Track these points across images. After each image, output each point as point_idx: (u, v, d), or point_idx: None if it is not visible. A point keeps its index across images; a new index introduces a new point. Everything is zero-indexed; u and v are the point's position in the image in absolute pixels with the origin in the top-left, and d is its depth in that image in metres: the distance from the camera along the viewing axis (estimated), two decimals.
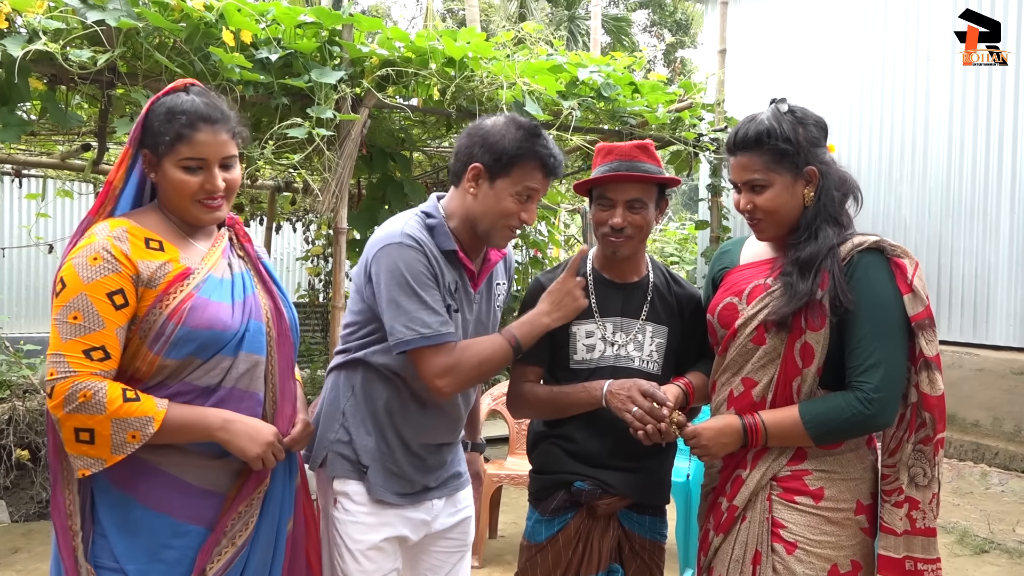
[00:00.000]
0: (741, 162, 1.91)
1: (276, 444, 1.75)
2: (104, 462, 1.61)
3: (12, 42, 3.08)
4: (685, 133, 5.04)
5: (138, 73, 3.43)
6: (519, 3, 19.77)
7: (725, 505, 1.93)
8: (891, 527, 1.83)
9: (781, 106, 1.91)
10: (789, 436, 1.84)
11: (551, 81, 4.23)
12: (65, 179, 6.56)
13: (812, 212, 1.87)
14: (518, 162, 1.95)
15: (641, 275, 2.17)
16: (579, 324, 2.11)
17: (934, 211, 6.58)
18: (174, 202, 1.75)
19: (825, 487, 1.85)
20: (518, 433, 4.53)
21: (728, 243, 2.17)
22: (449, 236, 2.01)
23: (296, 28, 3.74)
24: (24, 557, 4.18)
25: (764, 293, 1.88)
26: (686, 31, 23.24)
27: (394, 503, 2.04)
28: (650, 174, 2.04)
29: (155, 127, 1.71)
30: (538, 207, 2.27)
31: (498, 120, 2.02)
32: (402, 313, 1.90)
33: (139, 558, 1.69)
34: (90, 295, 1.61)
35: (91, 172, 4.65)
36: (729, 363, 1.93)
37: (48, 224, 8.42)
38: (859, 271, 1.81)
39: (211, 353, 1.71)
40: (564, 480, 2.09)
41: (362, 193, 5.25)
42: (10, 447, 4.84)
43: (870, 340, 1.78)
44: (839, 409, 1.79)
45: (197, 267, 1.73)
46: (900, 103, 6.83)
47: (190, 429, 1.68)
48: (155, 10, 3.32)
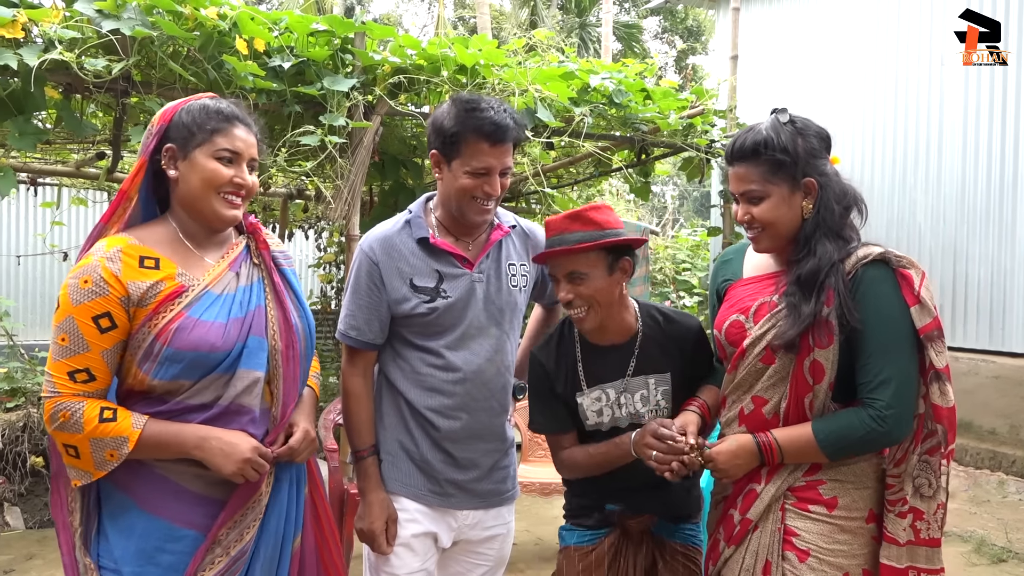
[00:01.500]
0: (739, 173, 1.90)
1: (255, 460, 1.72)
2: (91, 475, 1.68)
3: (28, 52, 3.10)
4: (697, 139, 5.02)
5: (152, 82, 3.45)
6: (530, 11, 19.81)
7: (738, 518, 1.91)
8: (894, 537, 1.81)
9: (781, 116, 1.89)
10: (803, 453, 1.83)
11: (563, 88, 4.23)
12: (80, 187, 6.60)
13: (811, 225, 1.85)
14: (461, 139, 2.00)
15: (629, 334, 2.13)
16: (581, 395, 2.12)
17: (949, 217, 6.54)
18: (197, 195, 1.76)
19: (839, 496, 1.84)
20: (531, 440, 4.52)
21: (729, 250, 2.14)
22: (422, 226, 2.09)
23: (309, 36, 3.75)
24: (39, 564, 4.20)
25: (770, 313, 1.86)
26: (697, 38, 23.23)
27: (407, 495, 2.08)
28: (570, 246, 1.97)
29: (189, 121, 1.75)
30: (550, 215, 2.29)
31: (445, 104, 2.07)
32: (345, 307, 2.12)
33: (134, 560, 1.69)
34: (76, 318, 1.65)
35: (105, 180, 4.68)
36: (739, 382, 1.92)
37: (63, 232, 8.45)
38: (864, 285, 1.79)
39: (200, 374, 1.70)
40: (597, 504, 2.17)
41: (374, 200, 5.26)
42: (24, 454, 4.87)
43: (880, 355, 1.77)
44: (853, 427, 1.78)
45: (192, 284, 1.73)
46: (914, 108, 6.79)
47: (166, 447, 1.69)
48: (169, 19, 3.34)
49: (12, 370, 5.67)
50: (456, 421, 2.08)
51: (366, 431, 2.10)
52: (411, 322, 2.07)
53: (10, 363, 5.87)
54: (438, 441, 2.08)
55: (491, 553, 2.22)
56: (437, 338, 2.07)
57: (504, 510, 2.22)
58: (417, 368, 2.08)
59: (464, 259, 2.10)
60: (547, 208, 5.91)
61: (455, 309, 2.07)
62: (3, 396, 5.40)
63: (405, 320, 2.07)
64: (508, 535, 2.26)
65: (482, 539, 2.19)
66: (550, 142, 4.40)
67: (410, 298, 2.05)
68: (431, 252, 2.08)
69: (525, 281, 2.21)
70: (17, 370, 5.71)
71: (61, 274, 9.27)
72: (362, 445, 2.10)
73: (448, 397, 2.07)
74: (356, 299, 2.09)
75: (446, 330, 2.07)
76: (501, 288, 2.14)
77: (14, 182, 3.40)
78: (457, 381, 2.07)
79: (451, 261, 2.09)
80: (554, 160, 5.24)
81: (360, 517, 2.08)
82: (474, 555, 2.20)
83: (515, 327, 2.18)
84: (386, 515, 2.06)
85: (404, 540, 2.06)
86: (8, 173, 3.33)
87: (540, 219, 6.37)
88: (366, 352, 2.12)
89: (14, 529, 4.70)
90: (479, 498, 2.15)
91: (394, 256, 2.07)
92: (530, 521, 4.86)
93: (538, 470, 4.33)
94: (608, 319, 2.07)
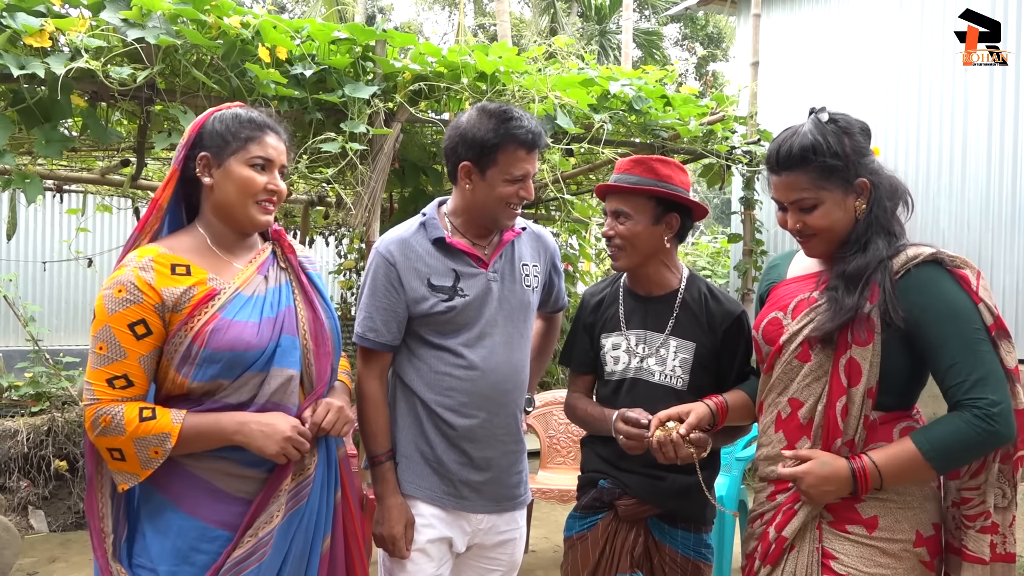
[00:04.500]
0: (787, 181, 1.78)
1: (295, 437, 1.75)
2: (138, 476, 1.72)
3: (55, 60, 3.15)
4: (718, 146, 5.01)
5: (176, 90, 3.50)
6: (550, 18, 19.85)
7: (773, 535, 1.82)
8: (978, 555, 1.69)
9: (822, 116, 1.77)
10: (905, 472, 1.68)
11: (582, 95, 4.23)
12: (104, 194, 6.69)
13: (864, 224, 1.76)
14: (499, 149, 2.03)
15: (668, 289, 2.18)
16: (607, 336, 2.20)
17: (973, 224, 6.46)
18: (233, 203, 1.80)
19: (879, 515, 1.72)
20: (549, 447, 4.51)
21: (777, 257, 2.08)
22: (438, 227, 2.12)
23: (330, 44, 3.79)
24: (62, 567, 4.24)
25: (809, 308, 1.79)
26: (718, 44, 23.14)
27: (422, 499, 2.08)
28: (625, 185, 2.11)
29: (223, 130, 1.81)
30: (570, 221, 2.34)
31: (471, 114, 2.09)
32: (362, 309, 2.12)
33: (170, 559, 1.73)
34: (113, 327, 1.69)
35: (130, 187, 4.73)
36: (775, 382, 1.84)
37: (88, 238, 8.59)
38: (925, 286, 1.69)
39: (238, 372, 1.74)
40: (593, 478, 2.20)
41: (394, 207, 5.28)
42: (49, 458, 4.93)
43: (967, 353, 1.65)
44: (960, 431, 1.63)
45: (223, 287, 1.77)
46: (937, 114, 6.73)
47: (207, 437, 1.72)
48: (193, 28, 3.38)
49: (37, 375, 5.74)
50: (474, 420, 2.09)
51: (383, 436, 2.11)
52: (429, 321, 2.09)
53: (35, 368, 5.94)
54: (455, 441, 2.09)
55: (503, 558, 2.22)
56: (455, 336, 2.09)
57: (517, 515, 2.23)
58: (435, 367, 2.09)
59: (479, 259, 2.13)
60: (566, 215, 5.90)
61: (472, 307, 2.09)
62: (28, 400, 5.46)
63: (423, 319, 2.09)
64: (520, 540, 2.27)
65: (495, 544, 2.19)
66: (570, 149, 4.40)
67: (429, 297, 2.07)
68: (447, 252, 2.11)
69: (537, 282, 2.24)
70: (42, 375, 5.78)
71: (86, 280, 9.40)
72: (379, 450, 2.11)
73: (466, 395, 2.08)
74: (374, 301, 2.10)
75: (464, 328, 2.09)
76: (515, 287, 2.17)
77: (40, 189, 3.45)
78: (475, 379, 2.08)
79: (467, 261, 2.12)
80: (574, 167, 5.24)
81: (378, 522, 2.08)
82: (487, 560, 2.21)
83: (529, 326, 2.20)
84: (404, 520, 2.07)
85: (420, 545, 2.07)
86: (35, 180, 3.39)
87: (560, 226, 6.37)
88: (382, 354, 2.13)
89: (38, 532, 4.75)
90: (493, 501, 2.15)
91: (411, 257, 2.09)
92: (549, 528, 4.85)
93: (557, 477, 4.31)
94: (643, 268, 2.17)
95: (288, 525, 1.80)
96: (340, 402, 1.89)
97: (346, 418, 1.87)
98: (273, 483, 1.78)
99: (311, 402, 1.84)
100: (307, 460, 1.82)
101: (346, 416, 1.87)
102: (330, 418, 1.83)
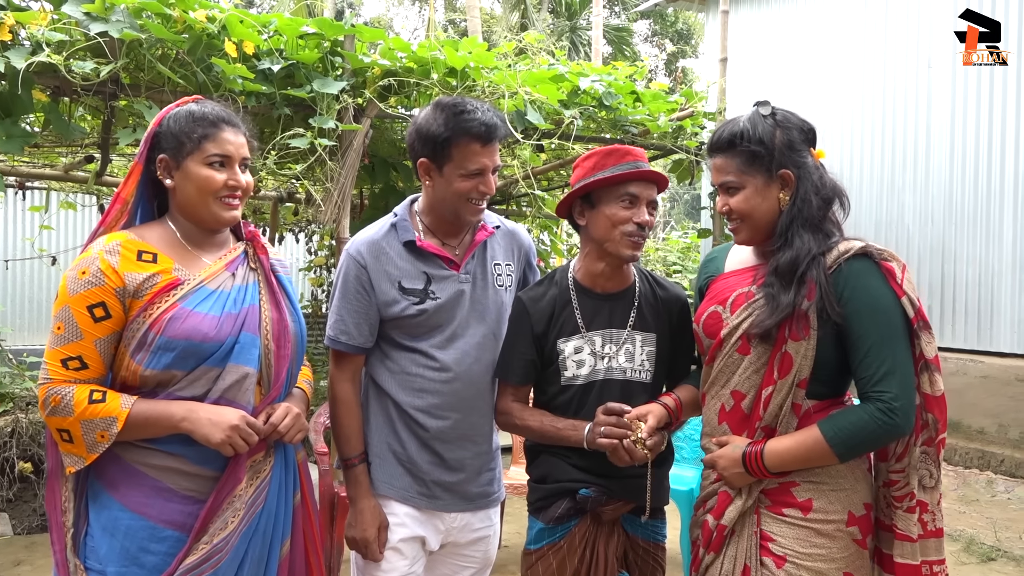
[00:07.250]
0: (717, 164, 1.91)
1: (243, 427, 1.72)
2: (84, 460, 1.70)
3: (16, 54, 3.09)
4: (687, 142, 5.04)
5: (141, 84, 3.44)
6: (521, 14, 19.85)
7: (713, 523, 1.89)
8: (906, 533, 1.80)
9: (762, 109, 1.89)
10: (811, 457, 1.78)
11: (553, 90, 4.23)
12: (68, 191, 6.58)
13: (787, 217, 1.84)
14: (452, 144, 2.00)
15: (627, 284, 2.15)
16: (566, 341, 2.09)
17: (937, 218, 6.58)
18: (195, 202, 1.79)
19: (814, 498, 1.81)
20: (521, 444, 4.52)
21: (714, 250, 2.14)
22: (408, 229, 2.10)
23: (298, 39, 3.75)
24: (27, 570, 4.17)
25: (747, 303, 1.86)
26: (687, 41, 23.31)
27: (395, 498, 2.08)
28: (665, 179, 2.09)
29: (177, 130, 1.78)
30: (541, 217, 2.33)
31: (426, 110, 2.07)
32: (333, 312, 2.10)
33: (118, 560, 1.70)
34: (72, 307, 1.69)
35: (94, 184, 4.66)
36: (717, 375, 1.90)
37: (51, 236, 8.44)
38: (852, 279, 1.78)
39: (192, 364, 1.72)
40: (568, 488, 2.07)
41: (364, 203, 5.26)
42: (13, 459, 4.85)
43: (879, 347, 1.74)
44: (863, 422, 1.74)
45: (188, 278, 1.76)
46: (902, 110, 6.84)
47: (155, 423, 1.70)
48: (158, 22, 3.33)
49: (0, 375, 5.64)
50: (446, 421, 2.09)
51: (355, 438, 2.10)
52: (400, 323, 2.08)
53: None
54: (427, 442, 2.09)
55: (477, 555, 2.23)
56: (426, 338, 2.09)
57: (491, 512, 2.23)
58: (407, 369, 2.09)
59: (450, 261, 2.11)
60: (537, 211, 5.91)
61: (444, 310, 2.08)
62: None
63: (395, 322, 2.08)
64: (494, 536, 2.27)
65: (469, 541, 2.19)
66: (540, 144, 4.40)
67: (399, 300, 2.06)
68: (418, 255, 2.10)
69: (511, 281, 2.22)
70: (5, 375, 5.68)
71: (49, 279, 9.24)
72: (352, 453, 2.09)
73: (438, 397, 2.08)
74: (345, 303, 2.09)
75: (435, 330, 2.09)
76: (488, 288, 2.16)
77: (2, 186, 3.38)
78: (447, 380, 2.08)
79: (438, 263, 2.10)
80: (544, 163, 5.25)
81: (351, 525, 2.07)
82: (461, 557, 2.21)
83: (501, 327, 2.17)
84: (378, 522, 2.06)
85: (393, 544, 2.07)
86: None
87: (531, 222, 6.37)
88: (355, 357, 2.12)
89: (2, 535, 4.66)
90: (467, 500, 2.15)
91: (382, 259, 2.08)
92: (521, 524, 4.85)
93: None
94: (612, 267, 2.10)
95: (246, 529, 1.77)
96: (298, 409, 1.87)
97: (301, 426, 1.85)
98: (225, 483, 1.75)
99: (267, 403, 1.82)
100: (262, 463, 1.80)
101: (302, 424, 1.85)
102: (287, 422, 1.80)
